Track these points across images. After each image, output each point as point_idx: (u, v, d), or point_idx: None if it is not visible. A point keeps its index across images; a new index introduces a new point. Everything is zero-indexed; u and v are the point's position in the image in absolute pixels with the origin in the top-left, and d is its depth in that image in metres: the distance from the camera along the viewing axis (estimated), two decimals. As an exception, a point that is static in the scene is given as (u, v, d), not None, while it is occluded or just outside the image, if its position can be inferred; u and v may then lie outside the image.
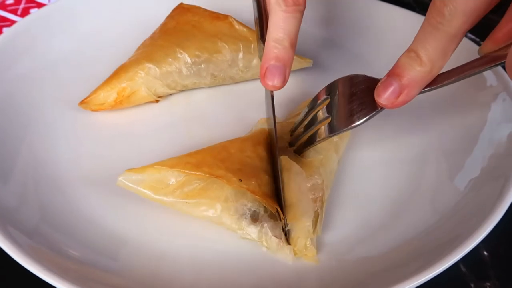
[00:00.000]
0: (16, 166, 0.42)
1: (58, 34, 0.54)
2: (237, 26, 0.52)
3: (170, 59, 0.49)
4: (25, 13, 0.65)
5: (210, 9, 0.53)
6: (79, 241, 0.38)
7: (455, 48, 0.34)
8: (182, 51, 0.50)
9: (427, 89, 0.36)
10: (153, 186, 0.38)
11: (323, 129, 0.39)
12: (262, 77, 0.39)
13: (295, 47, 0.39)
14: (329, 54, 0.57)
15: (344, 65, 0.56)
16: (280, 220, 0.38)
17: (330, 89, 0.39)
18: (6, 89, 0.48)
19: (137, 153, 0.46)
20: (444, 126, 0.48)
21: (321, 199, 0.39)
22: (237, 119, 0.50)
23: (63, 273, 0.32)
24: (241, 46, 0.51)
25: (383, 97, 0.35)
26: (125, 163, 0.44)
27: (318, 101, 0.40)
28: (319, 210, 0.39)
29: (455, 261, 0.33)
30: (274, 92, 0.41)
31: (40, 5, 0.67)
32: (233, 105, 0.52)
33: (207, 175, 0.38)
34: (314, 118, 0.40)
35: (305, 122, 0.42)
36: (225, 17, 0.52)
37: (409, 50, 0.34)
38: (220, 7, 0.54)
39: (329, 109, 0.39)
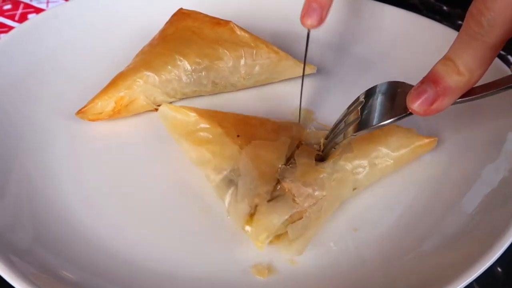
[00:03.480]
0: (9, 181, 0.41)
1: (54, 41, 0.53)
2: (238, 32, 0.50)
3: (169, 67, 0.48)
4: (23, 18, 0.64)
5: (210, 14, 0.52)
6: (75, 263, 0.36)
7: (494, 57, 0.32)
8: (181, 58, 0.48)
9: (461, 99, 0.34)
10: (177, 124, 0.44)
11: (351, 129, 0.39)
12: (302, 16, 0.44)
13: None
14: (334, 60, 0.56)
15: (348, 71, 0.55)
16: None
17: (367, 93, 0.39)
18: (0, 100, 0.46)
19: (137, 164, 0.45)
20: (458, 145, 0.46)
21: (310, 211, 0.38)
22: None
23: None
24: (243, 53, 0.50)
25: (416, 103, 0.34)
26: (125, 175, 0.44)
27: (353, 105, 0.40)
28: (302, 220, 0.38)
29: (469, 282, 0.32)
30: (280, 99, 0.43)
31: (38, 10, 0.65)
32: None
33: (215, 123, 0.42)
34: (346, 120, 0.41)
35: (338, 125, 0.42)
36: (226, 22, 0.50)
37: (445, 58, 0.33)
38: (221, 12, 0.52)
39: (361, 111, 0.39)
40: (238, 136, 0.41)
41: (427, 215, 0.40)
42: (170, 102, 0.50)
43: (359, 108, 0.38)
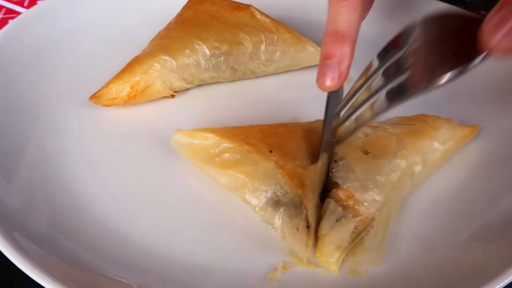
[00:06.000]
0: (22, 165, 0.39)
1: (67, 25, 0.51)
2: (259, 17, 0.49)
3: (187, 51, 0.46)
4: (32, 4, 0.62)
5: (229, -2, 0.50)
6: (92, 249, 0.34)
7: None
8: (200, 43, 0.46)
9: None
10: (196, 151, 0.39)
11: (383, 98, 0.28)
12: (317, 79, 0.33)
13: (353, 41, 0.33)
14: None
15: None
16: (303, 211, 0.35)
17: (402, 38, 0.28)
18: (12, 83, 0.45)
19: (152, 151, 0.43)
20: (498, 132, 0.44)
21: (378, 218, 0.35)
22: (260, 117, 0.45)
23: (75, 285, 0.29)
24: (264, 38, 0.48)
25: (498, 36, 0.24)
26: (139, 162, 0.42)
27: (370, 71, 0.30)
28: (374, 228, 0.35)
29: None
30: (301, 87, 0.38)
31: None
32: (255, 102, 0.48)
33: (240, 141, 0.37)
34: (371, 85, 0.30)
35: (359, 94, 0.31)
36: (246, 6, 0.49)
37: None
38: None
39: (396, 67, 0.28)
40: (271, 151, 0.37)
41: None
42: (187, 89, 0.48)
43: (389, 64, 0.27)
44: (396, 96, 0.27)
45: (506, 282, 0.30)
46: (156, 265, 0.35)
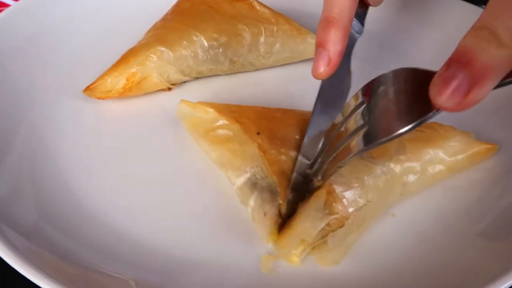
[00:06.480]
0: (11, 158, 0.38)
1: (60, 15, 0.50)
2: (258, 7, 0.48)
3: (184, 42, 0.45)
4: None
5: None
6: (84, 243, 0.33)
7: None
8: (198, 34, 0.45)
9: (505, 81, 0.26)
10: (196, 123, 0.40)
11: (355, 142, 0.30)
12: (312, 67, 0.34)
13: (342, 26, 0.33)
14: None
15: (377, 58, 0.50)
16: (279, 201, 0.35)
17: (368, 91, 0.31)
18: (3, 75, 0.43)
19: (146, 145, 0.42)
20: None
21: (352, 218, 0.34)
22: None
23: (66, 281, 0.28)
24: (263, 29, 0.47)
25: (444, 95, 0.25)
26: (134, 156, 0.41)
27: (351, 108, 0.32)
28: (344, 228, 0.33)
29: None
30: (301, 80, 0.38)
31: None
32: (254, 95, 0.47)
33: (233, 119, 0.38)
34: (346, 129, 0.32)
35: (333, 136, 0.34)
36: (245, -3, 0.47)
37: (477, 28, 0.25)
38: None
39: (365, 116, 0.30)
40: (258, 133, 0.37)
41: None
42: (184, 82, 0.47)
43: (362, 111, 0.30)
44: (368, 141, 0.29)
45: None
46: (151, 260, 0.34)
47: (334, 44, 0.33)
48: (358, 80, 0.35)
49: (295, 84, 0.48)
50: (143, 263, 0.33)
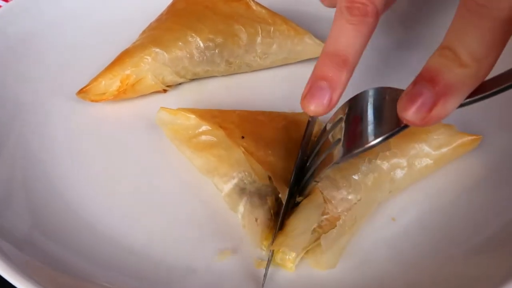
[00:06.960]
0: (2, 164, 0.37)
1: (53, 16, 0.49)
2: (254, 7, 0.47)
3: (180, 43, 0.44)
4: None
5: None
6: (77, 252, 0.33)
7: (508, 38, 0.25)
8: (193, 35, 0.44)
9: (473, 98, 0.27)
10: (177, 130, 0.39)
11: (331, 155, 0.32)
12: (303, 97, 0.32)
13: (352, 69, 0.32)
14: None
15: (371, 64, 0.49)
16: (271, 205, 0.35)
17: (344, 109, 0.32)
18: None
19: (141, 149, 0.42)
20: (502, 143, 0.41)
21: (344, 218, 0.34)
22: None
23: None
24: (260, 30, 0.46)
25: (410, 111, 0.26)
26: (128, 160, 0.41)
27: (329, 125, 0.34)
28: (336, 228, 0.33)
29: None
30: (298, 81, 0.35)
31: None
32: (250, 97, 0.46)
33: (216, 124, 0.37)
34: (324, 144, 0.34)
35: (314, 152, 0.35)
36: (241, -4, 0.47)
37: (442, 48, 0.26)
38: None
39: (341, 130, 0.32)
40: (242, 137, 0.37)
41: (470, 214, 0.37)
42: (179, 83, 0.47)
43: (339, 126, 0.32)
44: (342, 154, 0.31)
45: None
46: (143, 268, 0.33)
47: (339, 87, 0.31)
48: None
49: (292, 86, 0.47)
50: (135, 271, 0.33)
